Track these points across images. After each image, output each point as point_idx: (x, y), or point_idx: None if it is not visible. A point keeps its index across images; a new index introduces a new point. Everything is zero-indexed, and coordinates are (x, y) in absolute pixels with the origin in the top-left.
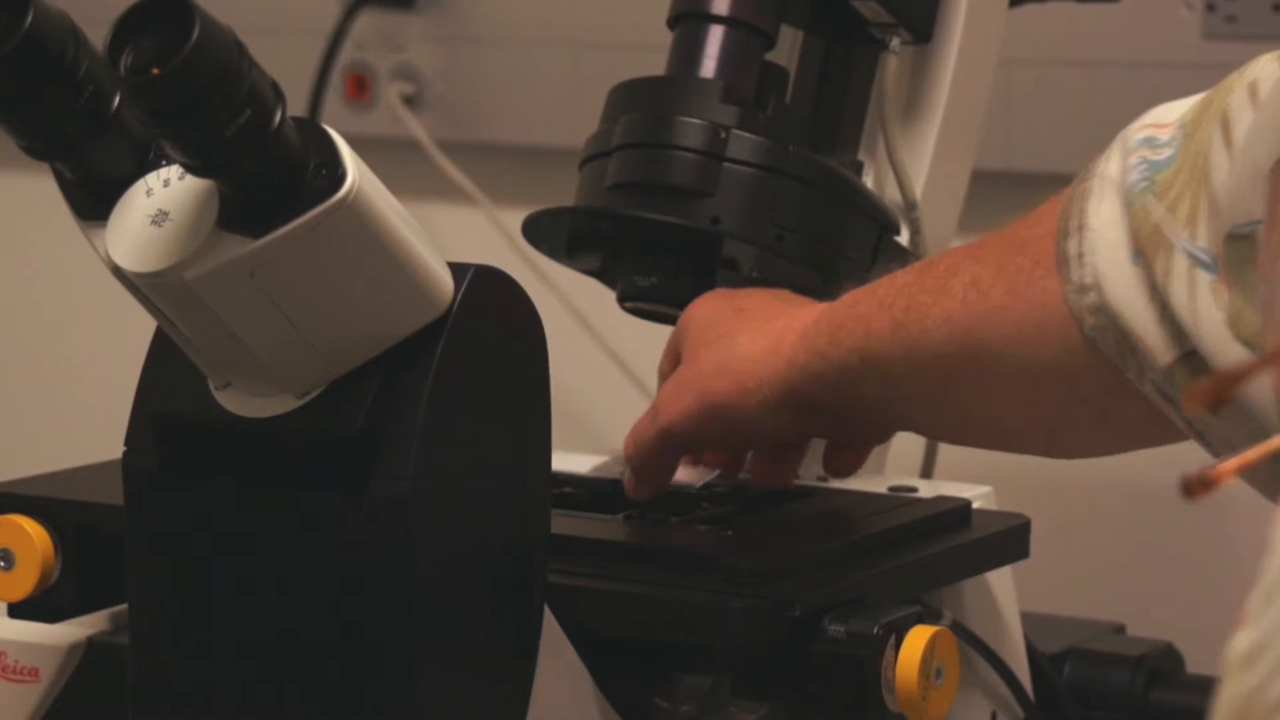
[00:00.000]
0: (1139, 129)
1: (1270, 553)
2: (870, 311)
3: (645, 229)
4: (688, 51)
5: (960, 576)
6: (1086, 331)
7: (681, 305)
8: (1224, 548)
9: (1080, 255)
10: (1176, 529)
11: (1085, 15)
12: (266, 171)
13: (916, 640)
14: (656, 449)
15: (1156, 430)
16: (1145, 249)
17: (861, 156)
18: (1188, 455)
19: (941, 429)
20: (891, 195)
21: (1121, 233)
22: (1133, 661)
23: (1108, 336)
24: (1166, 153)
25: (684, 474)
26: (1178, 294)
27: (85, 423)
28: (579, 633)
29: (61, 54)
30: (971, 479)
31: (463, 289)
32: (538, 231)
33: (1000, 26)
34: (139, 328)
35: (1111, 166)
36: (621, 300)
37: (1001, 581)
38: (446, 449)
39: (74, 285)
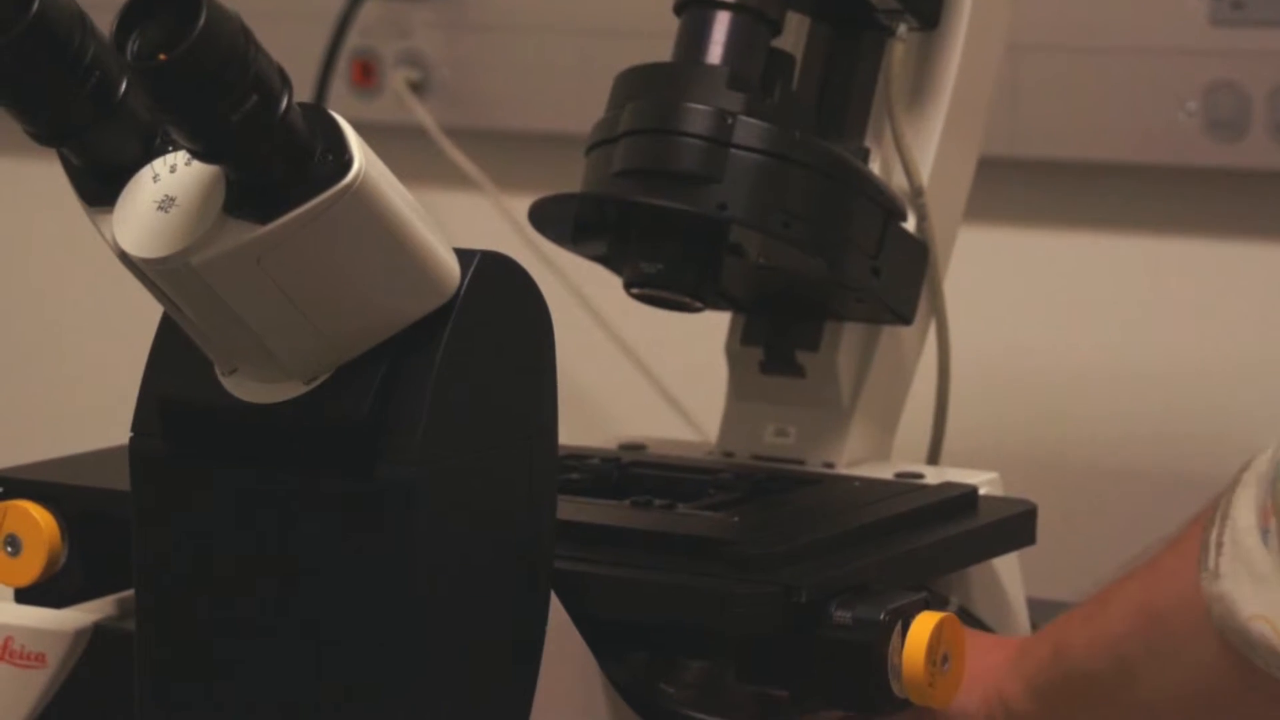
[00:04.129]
0: None
1: None
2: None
3: (651, 215)
4: (694, 38)
5: (967, 563)
6: (1215, 621)
7: (687, 291)
8: None
9: (1219, 544)
10: (1182, 517)
11: (1092, 1)
12: (273, 157)
13: (923, 626)
14: None
15: None
16: None
17: (868, 143)
18: (1194, 443)
19: None
20: (898, 181)
21: (1251, 514)
22: None
23: (1227, 623)
24: None
25: None
26: None
27: (92, 409)
28: (585, 618)
29: (68, 40)
30: (978, 465)
31: (469, 275)
32: (544, 217)
33: (1007, 12)
34: (146, 313)
35: (1262, 461)
36: (628, 286)
37: (1008, 568)
38: (453, 434)
39: (81, 271)
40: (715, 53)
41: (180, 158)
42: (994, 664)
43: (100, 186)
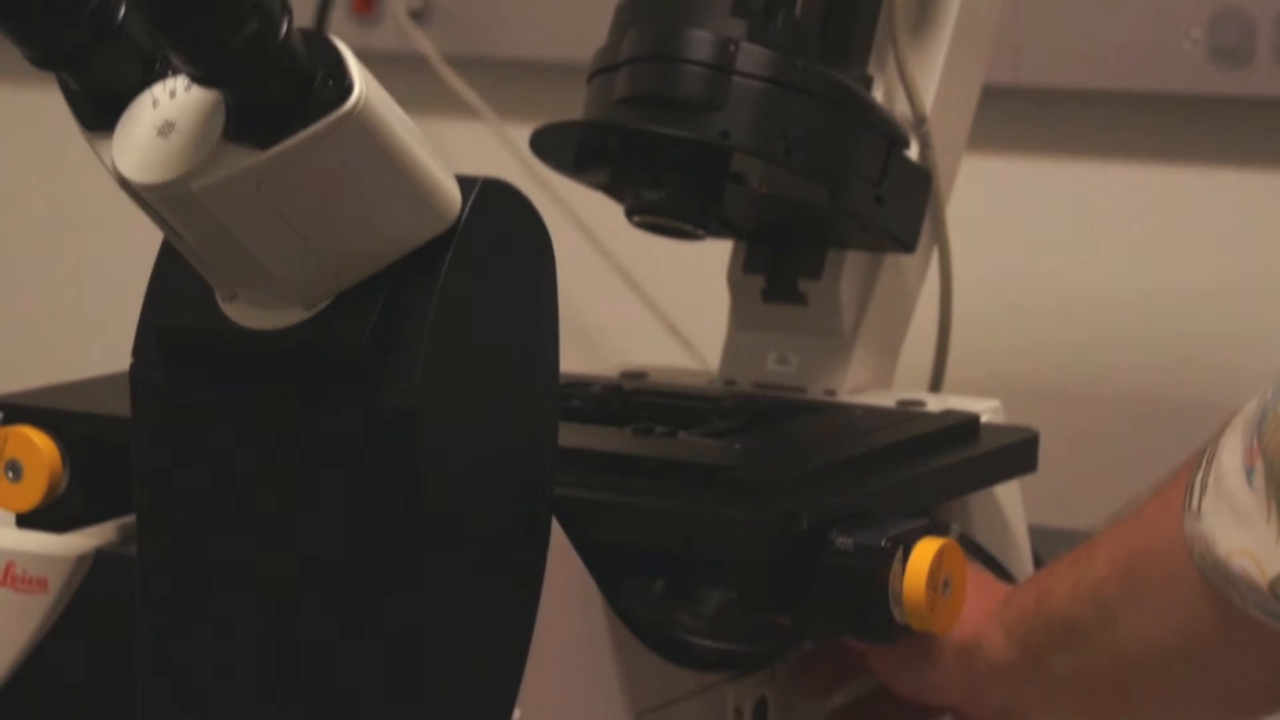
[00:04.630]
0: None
1: None
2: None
3: (653, 143)
4: None
5: (968, 489)
6: (1195, 560)
7: (689, 219)
8: None
9: (1203, 485)
10: (1184, 443)
11: None
12: (273, 82)
13: (924, 552)
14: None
15: None
16: (1274, 459)
17: (871, 70)
18: (1196, 370)
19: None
20: (901, 110)
21: (1237, 456)
22: None
23: (1207, 561)
24: None
25: None
26: None
27: (92, 335)
28: (586, 545)
29: None
30: (980, 393)
31: (470, 201)
32: (545, 146)
33: None
34: (146, 239)
35: (1250, 406)
36: (629, 214)
37: (1009, 495)
38: (453, 361)
39: (80, 197)
40: None
41: (180, 83)
42: (974, 614)
43: (100, 112)
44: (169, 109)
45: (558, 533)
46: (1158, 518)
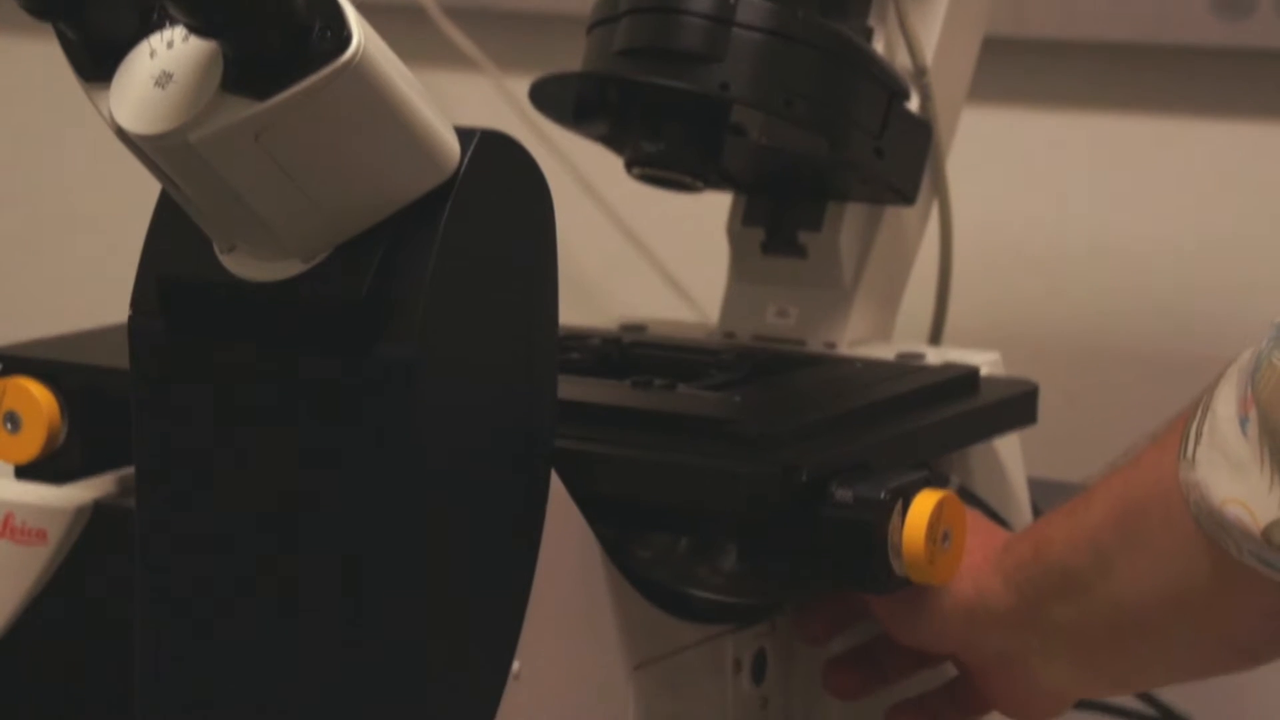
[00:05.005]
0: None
1: None
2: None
3: (653, 94)
4: None
5: (968, 442)
6: (1191, 508)
7: (689, 171)
8: None
9: (1198, 434)
10: (1185, 395)
11: None
12: (271, 33)
13: (923, 505)
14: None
15: None
16: (1267, 408)
17: (871, 22)
18: (1197, 322)
19: (1098, 626)
20: (902, 61)
21: (1232, 405)
22: None
23: (1202, 509)
24: None
25: None
26: None
27: (91, 286)
28: (586, 498)
29: None
30: (980, 345)
31: (469, 152)
32: (544, 98)
33: None
34: (144, 191)
35: (1245, 356)
36: (629, 166)
37: (1009, 448)
38: (452, 313)
39: (78, 148)
40: None
41: (177, 33)
42: (973, 561)
43: (97, 62)
44: (166, 60)
45: (556, 485)
46: (1154, 467)
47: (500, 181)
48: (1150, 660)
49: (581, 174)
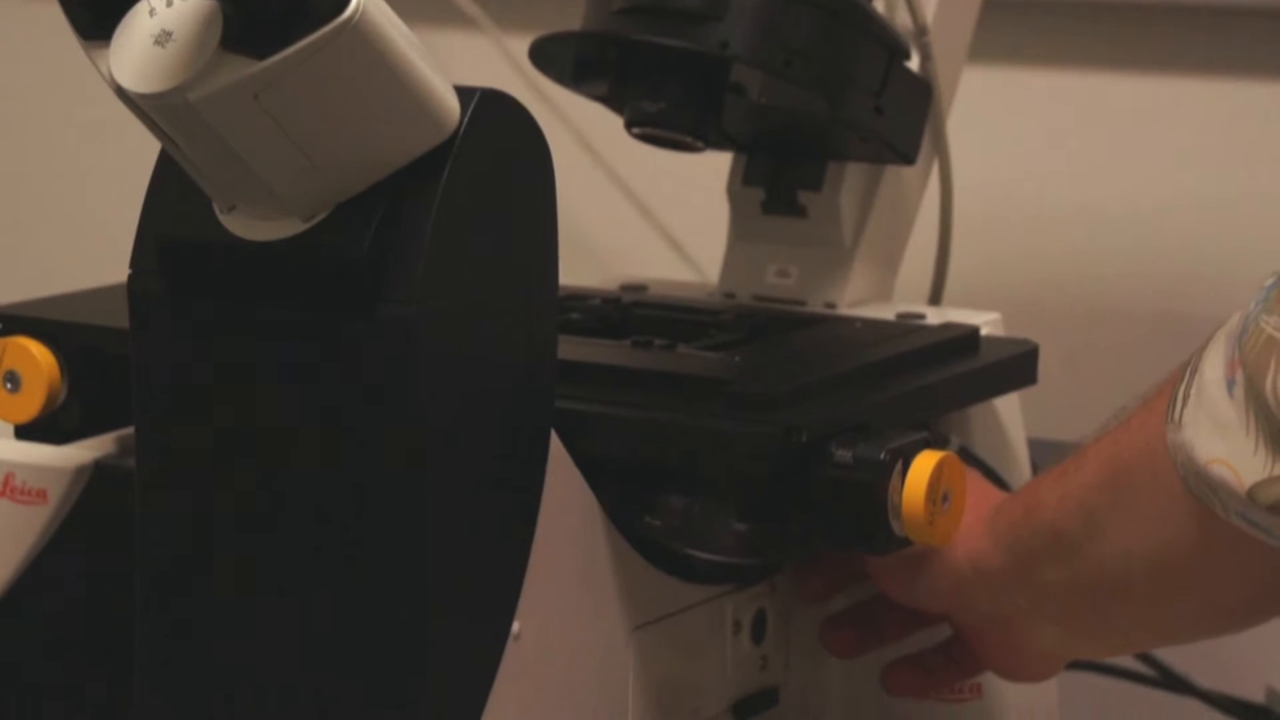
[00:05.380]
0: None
1: None
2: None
3: (653, 54)
4: None
5: (968, 402)
6: (1178, 469)
7: (689, 131)
8: None
9: (1186, 396)
10: (1185, 355)
11: None
12: None
13: (923, 465)
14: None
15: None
16: (1253, 371)
17: None
18: (1197, 283)
19: (1085, 582)
20: (902, 20)
21: (1219, 367)
22: None
23: (1189, 469)
24: (1270, 280)
25: None
26: None
27: (91, 245)
28: (585, 458)
29: None
30: (980, 306)
31: (469, 111)
32: (544, 57)
33: None
34: (144, 150)
35: (1234, 319)
36: (629, 126)
37: (1009, 408)
38: (452, 272)
39: (78, 107)
40: None
41: None
42: (966, 524)
43: (96, 21)
44: (166, 18)
45: (556, 445)
46: (1142, 429)
47: (500, 141)
48: (1138, 622)
49: (581, 134)
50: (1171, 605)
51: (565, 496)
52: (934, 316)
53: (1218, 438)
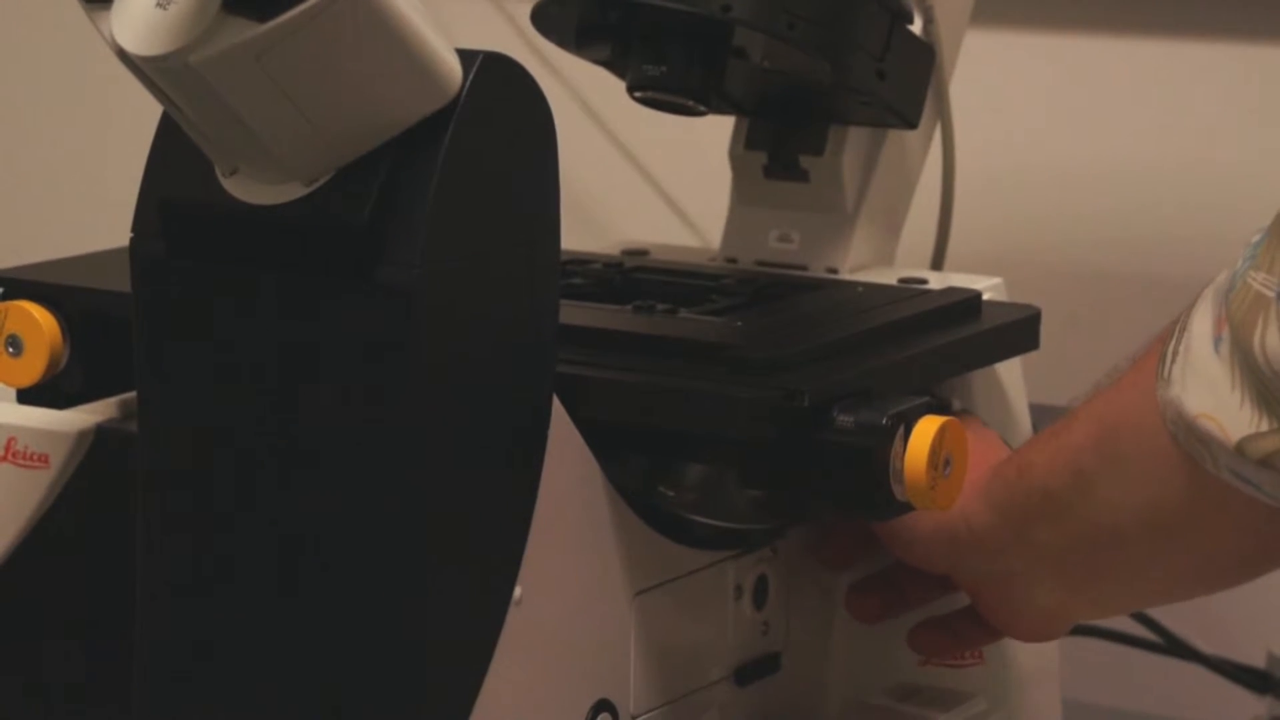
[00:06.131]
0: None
1: None
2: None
3: (655, 17)
4: None
5: (970, 367)
6: (1167, 425)
7: (691, 94)
8: None
9: (1174, 353)
10: None
11: None
12: None
13: (925, 430)
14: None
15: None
16: (1239, 327)
17: None
18: (1200, 247)
19: (1074, 538)
20: None
21: (1206, 324)
22: None
23: (1178, 425)
24: (1257, 236)
25: None
26: (1273, 346)
27: (92, 209)
28: (587, 422)
29: None
30: (982, 270)
31: (471, 75)
32: (546, 21)
33: None
34: (145, 112)
35: (1221, 277)
36: (631, 90)
37: (1011, 373)
38: (454, 237)
39: (80, 70)
40: None
41: None
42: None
43: None
44: None
45: (558, 410)
46: (1132, 387)
47: (502, 105)
48: (1133, 580)
49: (583, 98)
50: (1165, 562)
51: (567, 461)
52: (936, 281)
53: (1206, 393)
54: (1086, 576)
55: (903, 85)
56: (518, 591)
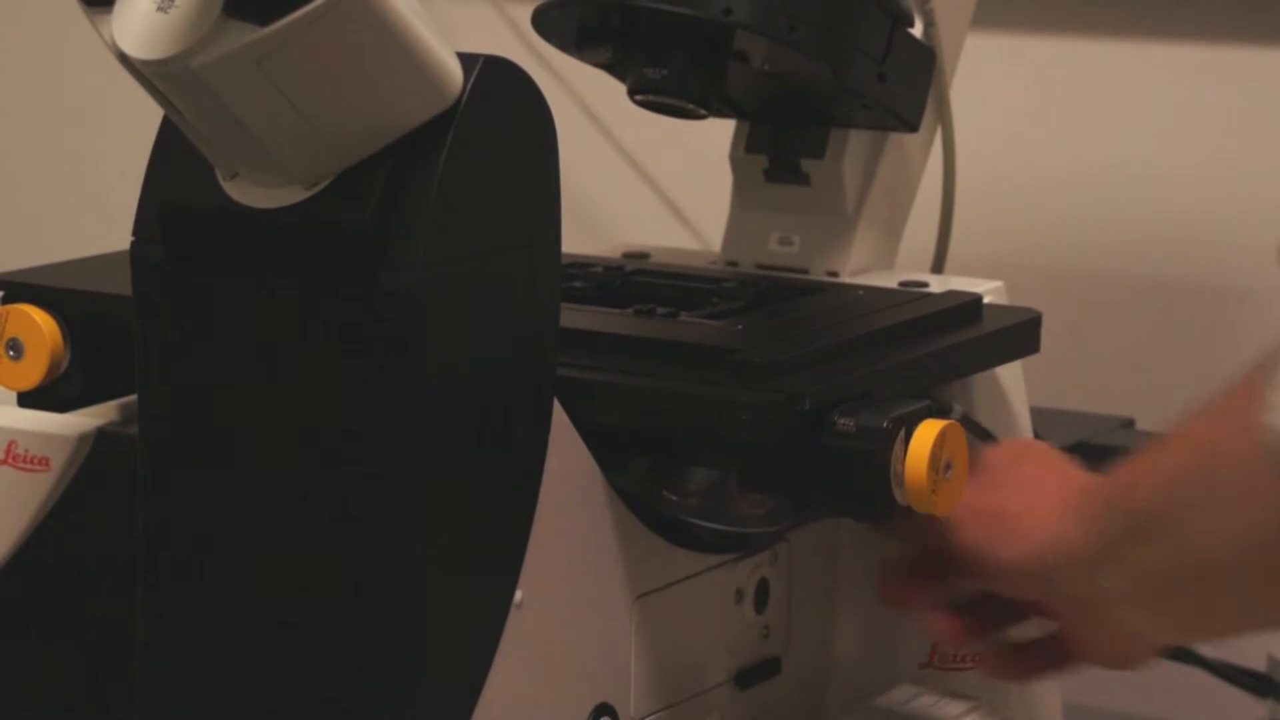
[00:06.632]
0: None
1: None
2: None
3: (656, 20)
4: None
5: (971, 371)
6: (1268, 453)
7: (692, 98)
8: (1233, 342)
9: (1275, 382)
10: (1187, 323)
11: None
12: None
13: (926, 434)
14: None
15: None
16: None
17: None
18: (1200, 251)
19: (1171, 574)
20: None
21: None
22: None
23: (1277, 455)
24: None
25: None
26: None
27: (93, 212)
28: (587, 425)
29: None
30: (983, 274)
31: (472, 79)
32: (547, 24)
33: None
34: (146, 116)
35: None
36: (632, 93)
37: (1012, 376)
38: (455, 240)
39: (81, 73)
40: None
41: None
42: (1050, 504)
43: None
44: None
45: (559, 413)
46: (1233, 412)
47: (503, 108)
48: (1224, 607)
49: (584, 101)
50: (1261, 589)
51: (568, 464)
52: (937, 284)
53: None
54: (1182, 601)
55: (904, 88)
56: (518, 595)
